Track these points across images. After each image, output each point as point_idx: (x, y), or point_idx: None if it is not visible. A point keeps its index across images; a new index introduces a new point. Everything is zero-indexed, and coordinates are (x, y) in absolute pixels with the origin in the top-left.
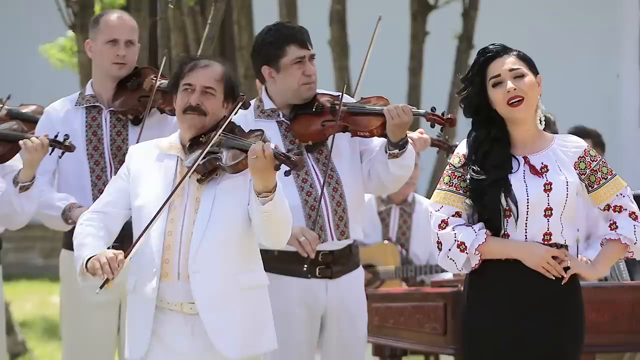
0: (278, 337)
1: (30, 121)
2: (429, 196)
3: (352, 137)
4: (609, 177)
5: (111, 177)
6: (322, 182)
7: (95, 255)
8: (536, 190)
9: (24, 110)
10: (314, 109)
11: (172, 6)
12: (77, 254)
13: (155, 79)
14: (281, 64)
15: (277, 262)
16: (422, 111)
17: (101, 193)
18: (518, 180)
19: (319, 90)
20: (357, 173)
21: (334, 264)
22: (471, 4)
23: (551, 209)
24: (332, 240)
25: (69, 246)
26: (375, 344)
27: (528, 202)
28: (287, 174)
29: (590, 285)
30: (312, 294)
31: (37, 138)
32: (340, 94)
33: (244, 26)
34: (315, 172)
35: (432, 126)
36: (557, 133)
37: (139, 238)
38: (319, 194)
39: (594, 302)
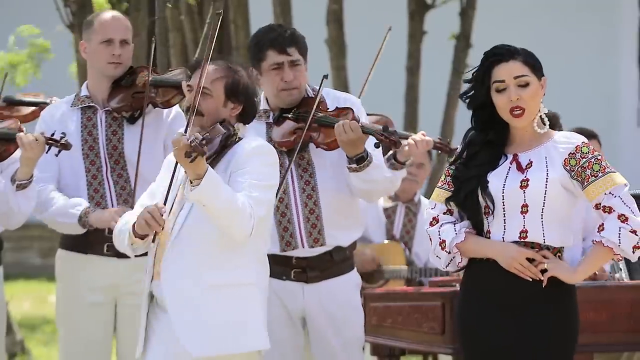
0: None
1: (30, 104)
2: (427, 197)
3: (316, 148)
4: (600, 174)
5: (107, 176)
6: (297, 188)
7: (137, 219)
8: (512, 187)
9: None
10: (291, 115)
11: (170, 5)
12: (119, 235)
13: (147, 75)
14: (262, 68)
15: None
16: (372, 130)
17: (96, 192)
18: (499, 176)
19: (326, 91)
20: (341, 178)
21: (310, 269)
22: (469, 3)
23: (527, 206)
24: (303, 247)
25: (66, 246)
26: (373, 344)
27: (504, 199)
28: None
29: (588, 285)
30: (288, 296)
31: (32, 135)
32: (314, 104)
33: (241, 25)
34: (293, 178)
35: (377, 146)
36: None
37: (168, 193)
38: (292, 200)
39: (592, 302)
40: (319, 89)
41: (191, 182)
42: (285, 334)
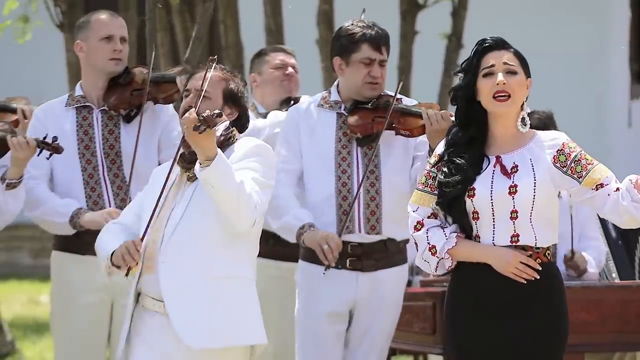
0: (303, 326)
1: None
2: None
3: (395, 135)
4: (595, 162)
5: (103, 175)
6: (361, 175)
7: (116, 250)
8: (500, 193)
9: (13, 105)
10: (369, 105)
11: (159, 6)
12: (98, 255)
13: (147, 72)
14: (351, 59)
15: (310, 250)
16: None
17: (93, 191)
18: (484, 182)
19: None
20: (404, 175)
21: (365, 257)
22: (460, 3)
23: (517, 212)
24: (360, 232)
25: (60, 247)
26: None
27: (493, 206)
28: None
29: (578, 285)
30: (341, 286)
31: (23, 138)
32: (395, 92)
33: (230, 26)
34: (358, 165)
35: None
36: (556, 129)
37: (149, 222)
38: (355, 186)
39: (583, 302)
40: (398, 84)
41: (200, 164)
42: (330, 326)
